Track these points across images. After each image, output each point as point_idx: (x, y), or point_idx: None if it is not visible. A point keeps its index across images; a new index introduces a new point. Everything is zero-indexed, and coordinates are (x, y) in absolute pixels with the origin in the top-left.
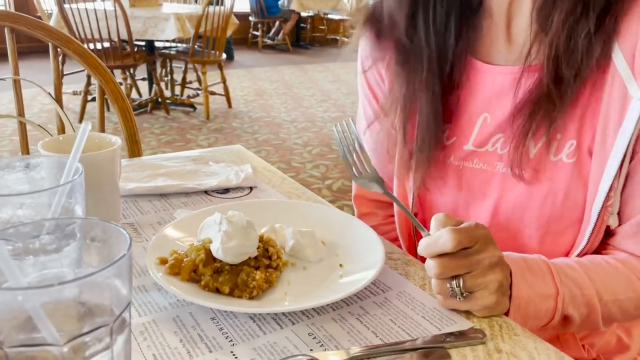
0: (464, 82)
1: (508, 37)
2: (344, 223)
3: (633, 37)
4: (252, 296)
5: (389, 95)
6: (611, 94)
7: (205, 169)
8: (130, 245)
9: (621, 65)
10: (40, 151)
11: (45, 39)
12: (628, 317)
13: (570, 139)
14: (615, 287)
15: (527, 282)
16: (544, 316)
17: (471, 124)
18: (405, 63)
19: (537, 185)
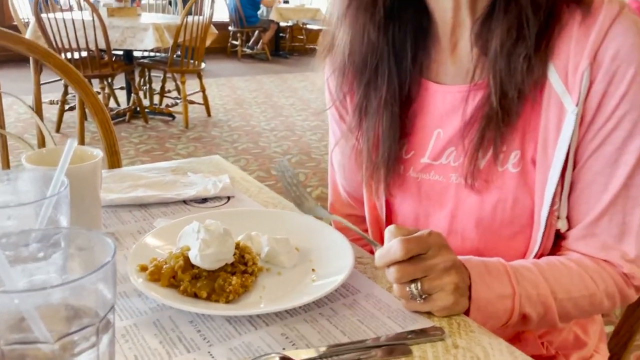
0: (418, 101)
1: (454, 60)
2: (317, 230)
3: (565, 56)
4: (229, 300)
5: (353, 115)
6: (549, 108)
7: (183, 180)
8: (115, 253)
9: (556, 82)
10: (24, 164)
11: (27, 54)
12: (584, 314)
13: (514, 150)
14: (569, 285)
15: (486, 283)
16: (502, 315)
17: (426, 139)
18: (367, 86)
19: (487, 194)
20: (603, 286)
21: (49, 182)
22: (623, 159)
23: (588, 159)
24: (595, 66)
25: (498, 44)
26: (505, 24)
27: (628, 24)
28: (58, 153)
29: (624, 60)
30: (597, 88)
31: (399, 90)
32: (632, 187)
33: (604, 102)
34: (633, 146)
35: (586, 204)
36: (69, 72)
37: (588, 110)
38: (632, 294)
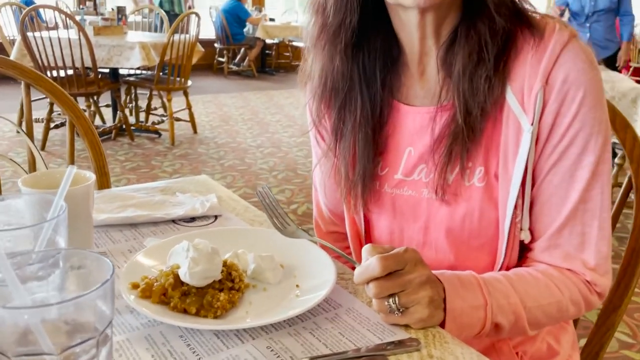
0: (390, 122)
1: (423, 84)
2: (300, 247)
3: (521, 79)
4: (217, 315)
5: (330, 136)
6: (508, 127)
7: (172, 199)
8: (113, 272)
9: (513, 103)
10: (20, 187)
11: (19, 78)
12: (551, 320)
13: (479, 166)
14: (537, 294)
15: (460, 295)
16: (476, 325)
17: (399, 157)
18: (342, 109)
19: (456, 207)
20: (568, 294)
21: (46, 205)
22: (578, 174)
23: (547, 174)
24: (547, 89)
25: (461, 67)
26: (467, 49)
27: (576, 50)
28: (53, 176)
29: (573, 84)
30: (550, 109)
31: (371, 113)
32: (589, 200)
33: (558, 122)
34: (586, 161)
35: (547, 216)
36: (59, 95)
37: (543, 129)
38: (595, 300)
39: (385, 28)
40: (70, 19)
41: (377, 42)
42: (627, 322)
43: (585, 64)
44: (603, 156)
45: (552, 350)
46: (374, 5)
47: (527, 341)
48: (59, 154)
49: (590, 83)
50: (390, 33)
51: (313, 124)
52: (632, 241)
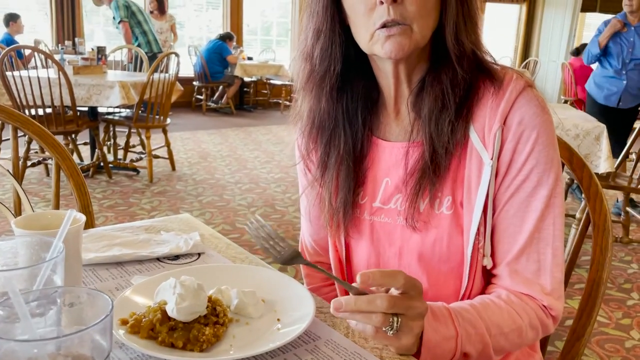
0: (370, 155)
1: (398, 122)
2: (281, 283)
3: (482, 120)
4: (203, 349)
5: (317, 168)
6: (471, 161)
7: (156, 238)
8: (112, 307)
9: (476, 140)
10: (13, 228)
11: (7, 122)
12: (514, 346)
13: (447, 195)
14: (501, 322)
15: (433, 327)
16: (447, 354)
17: (377, 186)
18: (327, 144)
19: (427, 234)
20: (527, 320)
21: (43, 246)
22: (533, 206)
23: (504, 205)
24: (505, 129)
25: (427, 112)
26: (432, 95)
27: (530, 97)
28: (44, 217)
29: (528, 126)
30: (508, 147)
31: (352, 147)
32: (542, 230)
33: (515, 159)
34: (540, 194)
35: (506, 244)
36: (45, 137)
37: (502, 164)
38: (550, 323)
39: (367, 74)
40: (50, 59)
41: (359, 86)
42: (598, 352)
43: (538, 108)
44: (555, 190)
45: None
46: (356, 55)
47: None
48: (34, 192)
49: (542, 125)
50: (371, 78)
51: (302, 157)
52: (592, 273)
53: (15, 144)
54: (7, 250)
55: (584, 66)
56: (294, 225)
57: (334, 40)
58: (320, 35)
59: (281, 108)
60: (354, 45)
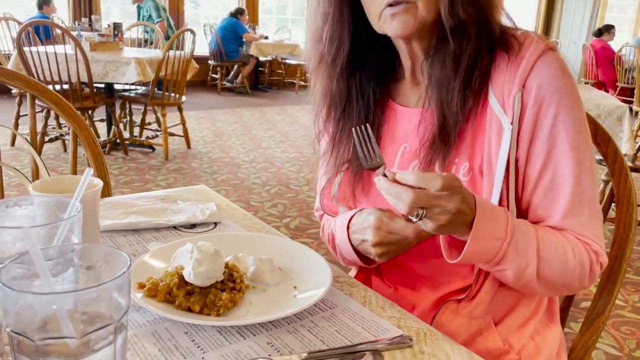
0: (387, 120)
1: (415, 88)
2: (298, 252)
3: (501, 84)
4: (219, 314)
5: (330, 140)
6: (491, 126)
7: (173, 207)
8: (130, 264)
9: (495, 104)
10: (31, 192)
11: (24, 90)
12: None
13: (464, 162)
14: (551, 248)
15: (487, 222)
16: (489, 253)
17: (393, 153)
18: (342, 118)
19: None
20: (578, 256)
21: (60, 207)
22: (568, 170)
23: (539, 176)
24: (525, 93)
25: (435, 79)
26: (440, 63)
27: (550, 60)
28: (61, 182)
29: (549, 89)
30: (530, 112)
31: (365, 118)
32: (581, 193)
33: (540, 124)
34: (573, 158)
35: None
36: (63, 106)
37: (525, 129)
38: (597, 270)
39: (382, 45)
40: (67, 35)
41: (373, 60)
42: (614, 335)
43: (558, 71)
44: (587, 152)
45: (539, 348)
46: (366, 33)
47: (514, 335)
48: (52, 167)
49: (564, 88)
50: (387, 48)
51: (317, 134)
52: (615, 249)
53: (33, 112)
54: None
55: (605, 47)
56: (308, 204)
57: (342, 22)
58: (328, 19)
59: (296, 88)
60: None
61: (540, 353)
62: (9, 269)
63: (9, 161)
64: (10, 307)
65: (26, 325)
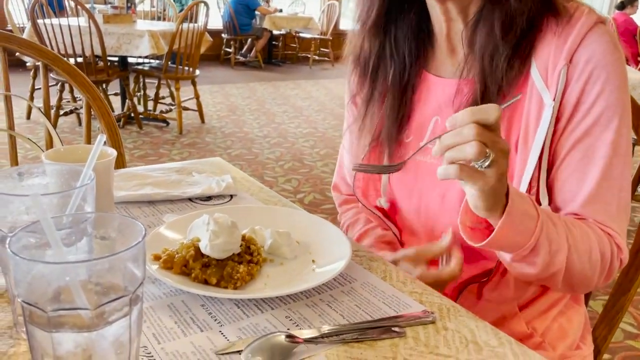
0: (419, 91)
1: (452, 57)
2: (316, 225)
3: (546, 57)
4: (237, 287)
5: (362, 103)
6: (530, 100)
7: (188, 179)
8: (145, 234)
9: (537, 79)
10: (44, 161)
11: (36, 59)
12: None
13: None
14: (578, 237)
15: (519, 196)
16: (524, 233)
17: (425, 125)
18: (375, 78)
19: None
20: (602, 248)
21: (73, 175)
22: (601, 151)
23: (570, 150)
24: (571, 67)
25: (480, 46)
26: (486, 29)
27: (601, 32)
28: (75, 151)
29: (598, 64)
30: (574, 87)
31: (399, 79)
32: (611, 179)
33: (582, 100)
34: (609, 140)
35: (570, 192)
36: (76, 75)
37: (566, 106)
38: (617, 265)
39: (418, 5)
40: (81, 7)
41: (409, 20)
42: (632, 313)
43: (610, 45)
44: (624, 137)
45: (564, 330)
46: None
47: (538, 319)
48: (68, 141)
49: (614, 65)
50: (423, 11)
51: (350, 94)
52: None
53: (46, 83)
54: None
55: (628, 20)
56: (322, 179)
57: None
58: None
59: (310, 63)
60: None
61: (565, 335)
62: (19, 237)
63: (25, 134)
64: (21, 277)
65: (38, 296)
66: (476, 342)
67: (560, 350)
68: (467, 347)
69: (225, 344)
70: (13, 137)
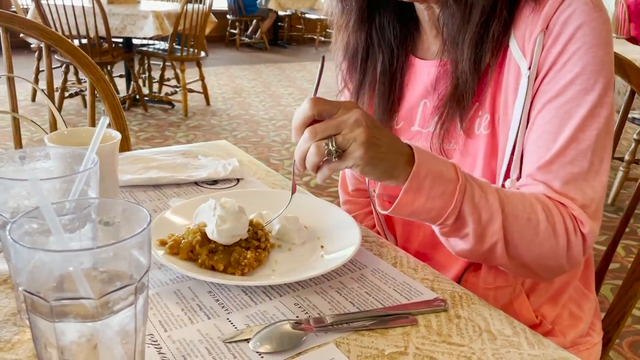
0: (407, 76)
1: (436, 39)
2: (324, 210)
3: (524, 26)
4: (244, 273)
5: (353, 92)
6: (509, 72)
7: (194, 162)
8: (150, 220)
9: (515, 49)
10: (47, 144)
11: (39, 39)
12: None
13: (485, 114)
14: (519, 205)
15: (430, 157)
16: (438, 199)
17: (414, 110)
18: (364, 68)
19: (466, 157)
20: (552, 219)
21: (76, 159)
22: (574, 112)
23: (541, 110)
24: (547, 33)
25: (451, 29)
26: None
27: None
28: (78, 134)
29: (573, 23)
30: (551, 51)
31: (388, 66)
32: (582, 140)
33: (558, 60)
34: (584, 100)
35: (536, 153)
36: (80, 57)
37: (542, 71)
38: (578, 242)
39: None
40: None
41: (392, 6)
42: None
43: (588, 5)
44: (603, 99)
45: (575, 317)
46: None
47: (547, 305)
48: (73, 123)
49: (592, 23)
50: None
51: (340, 86)
52: None
53: (49, 63)
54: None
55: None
56: None
57: None
58: None
59: (316, 44)
60: None
61: (577, 322)
62: (20, 223)
63: (30, 116)
64: (22, 265)
65: (40, 285)
66: (490, 331)
67: (570, 337)
68: (481, 336)
69: (233, 332)
70: (17, 120)
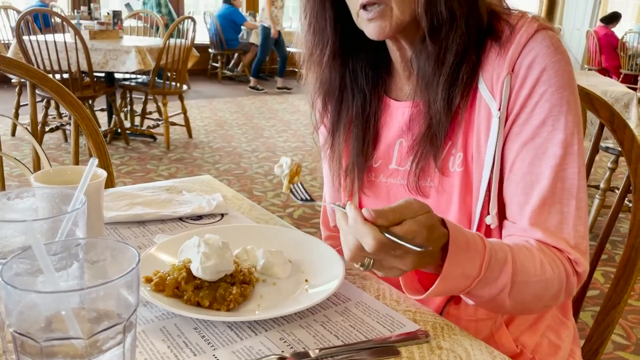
0: (382, 116)
1: (408, 80)
2: (308, 244)
3: (491, 69)
4: (229, 308)
5: (328, 132)
6: (480, 113)
7: (178, 198)
8: (139, 260)
9: (484, 90)
10: (32, 183)
11: (24, 78)
12: (536, 299)
13: (459, 152)
14: (530, 269)
15: (460, 261)
16: (455, 290)
17: (391, 149)
18: (339, 109)
19: (442, 194)
20: (557, 272)
21: (64, 199)
22: (550, 152)
23: (519, 153)
24: (513, 76)
25: (423, 72)
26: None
27: (542, 38)
28: (64, 172)
29: (537, 67)
30: (519, 93)
31: (362, 109)
32: (565, 179)
33: (526, 103)
34: (557, 139)
35: (522, 195)
36: (64, 95)
37: (512, 112)
38: (574, 282)
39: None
40: (67, 23)
41: (365, 51)
42: (621, 324)
43: (550, 49)
44: (574, 136)
45: (554, 346)
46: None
47: (526, 334)
48: (53, 157)
49: (554, 65)
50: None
51: (316, 126)
52: (631, 239)
53: (33, 101)
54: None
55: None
56: (311, 193)
57: (324, 16)
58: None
59: (297, 77)
60: None
61: (556, 351)
62: (11, 265)
63: (10, 151)
64: (13, 306)
65: (30, 325)
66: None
67: None
68: None
69: None
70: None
